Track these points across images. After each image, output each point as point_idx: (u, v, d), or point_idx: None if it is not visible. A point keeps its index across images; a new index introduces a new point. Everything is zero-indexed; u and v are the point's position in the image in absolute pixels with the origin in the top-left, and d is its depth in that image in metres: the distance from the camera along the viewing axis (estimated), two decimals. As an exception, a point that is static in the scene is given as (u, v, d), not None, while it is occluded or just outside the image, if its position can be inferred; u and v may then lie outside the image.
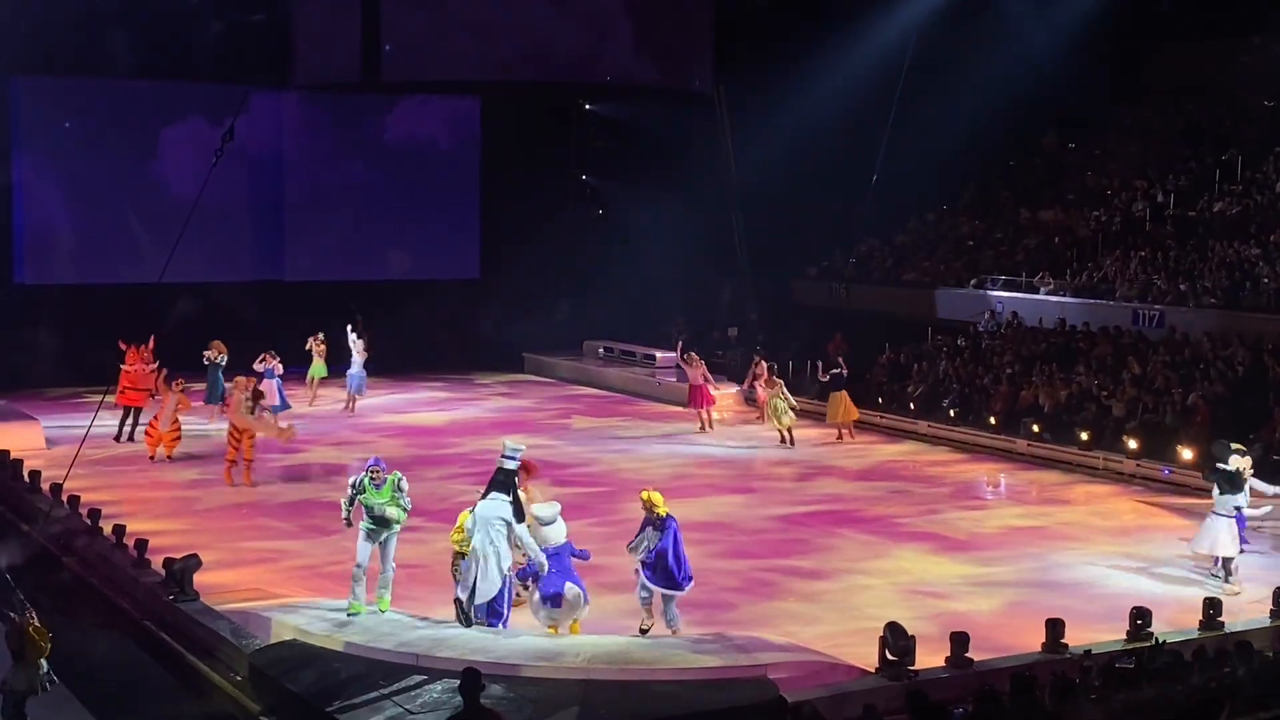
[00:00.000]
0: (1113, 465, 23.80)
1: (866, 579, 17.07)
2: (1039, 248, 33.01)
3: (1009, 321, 30.75)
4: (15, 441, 23.30)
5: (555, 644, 13.55)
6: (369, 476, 13.92)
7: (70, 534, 18.44)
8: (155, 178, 32.89)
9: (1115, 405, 25.37)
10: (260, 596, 15.34)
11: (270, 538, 18.71)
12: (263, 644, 13.81)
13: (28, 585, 16.59)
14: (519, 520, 13.66)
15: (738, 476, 23.53)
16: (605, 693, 12.42)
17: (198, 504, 20.66)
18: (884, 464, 24.72)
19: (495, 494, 13.71)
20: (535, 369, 36.29)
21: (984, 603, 16.11)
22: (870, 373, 30.83)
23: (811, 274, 37.06)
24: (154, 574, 15.99)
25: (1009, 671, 11.85)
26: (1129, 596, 15.64)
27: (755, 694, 12.47)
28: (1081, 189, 35.28)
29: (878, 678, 12.84)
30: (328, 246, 35.25)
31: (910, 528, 19.72)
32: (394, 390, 32.35)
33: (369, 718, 11.88)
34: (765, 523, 19.97)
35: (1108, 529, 20.06)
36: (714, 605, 15.64)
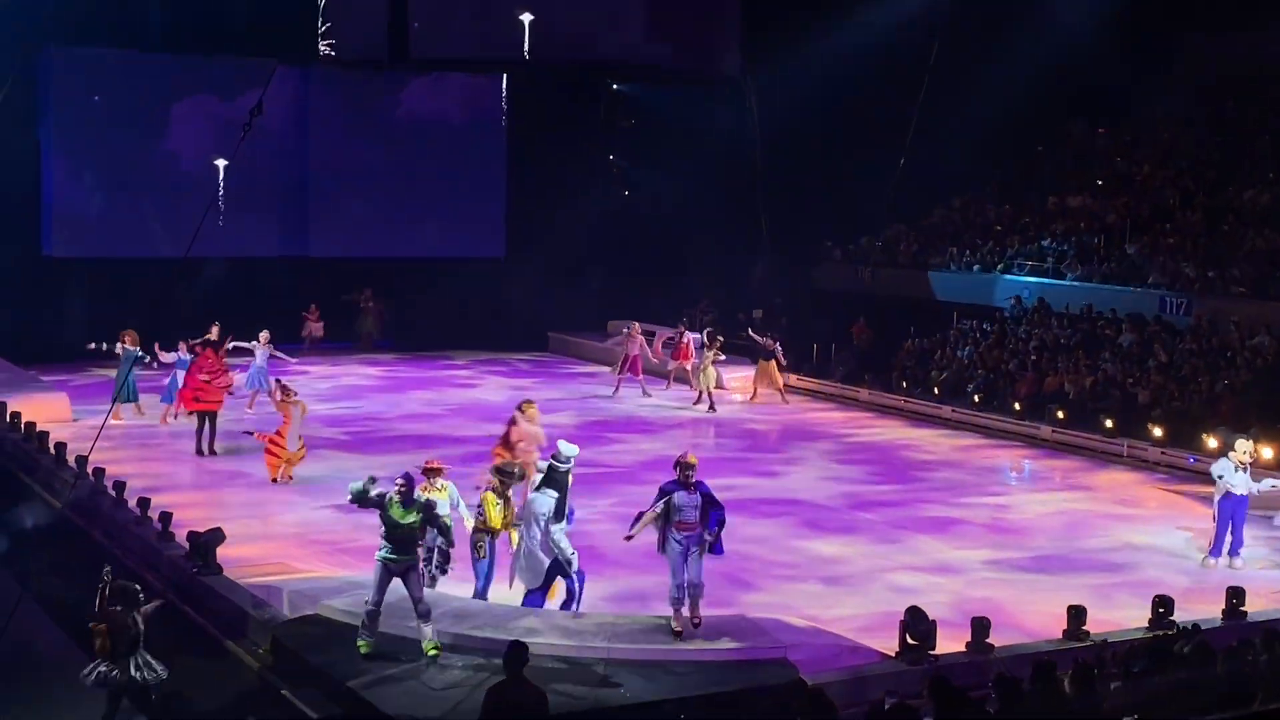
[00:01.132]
0: (1137, 453, 23.71)
1: (888, 563, 17.06)
2: (1066, 234, 32.86)
3: (1035, 307, 30.63)
4: (42, 413, 23.44)
5: (577, 623, 13.59)
6: (397, 491, 12.81)
7: (95, 506, 18.56)
8: (183, 151, 33.04)
9: (1141, 392, 25.27)
10: (284, 571, 15.42)
11: (294, 513, 18.78)
12: (286, 618, 13.89)
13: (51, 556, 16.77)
14: (558, 520, 13.80)
15: (753, 454, 23.50)
16: (626, 672, 12.46)
17: (222, 478, 20.75)
18: (906, 447, 24.68)
19: (546, 489, 13.93)
20: (560, 348, 36.34)
21: (1005, 588, 16.08)
22: (894, 358, 30.79)
23: (837, 257, 36.97)
24: (178, 547, 16.08)
25: (1030, 658, 11.85)
26: (1151, 584, 15.61)
27: (775, 676, 12.50)
28: (1110, 175, 35.08)
29: (898, 662, 12.85)
30: (353, 223, 35.34)
31: (932, 513, 19.69)
32: (411, 368, 32.53)
33: (391, 693, 11.95)
34: (787, 504, 19.97)
35: (1131, 516, 20.01)
36: (734, 586, 15.65)
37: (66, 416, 24.34)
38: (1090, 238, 32.20)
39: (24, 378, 27.07)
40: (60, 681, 13.44)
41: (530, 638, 12.73)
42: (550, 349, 36.45)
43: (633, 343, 29.43)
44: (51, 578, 16.23)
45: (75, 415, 24.50)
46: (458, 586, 14.36)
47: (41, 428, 22.18)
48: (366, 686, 12.09)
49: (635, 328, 29.71)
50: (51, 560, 17.11)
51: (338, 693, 12.24)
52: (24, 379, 26.95)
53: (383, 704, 11.74)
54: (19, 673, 12.25)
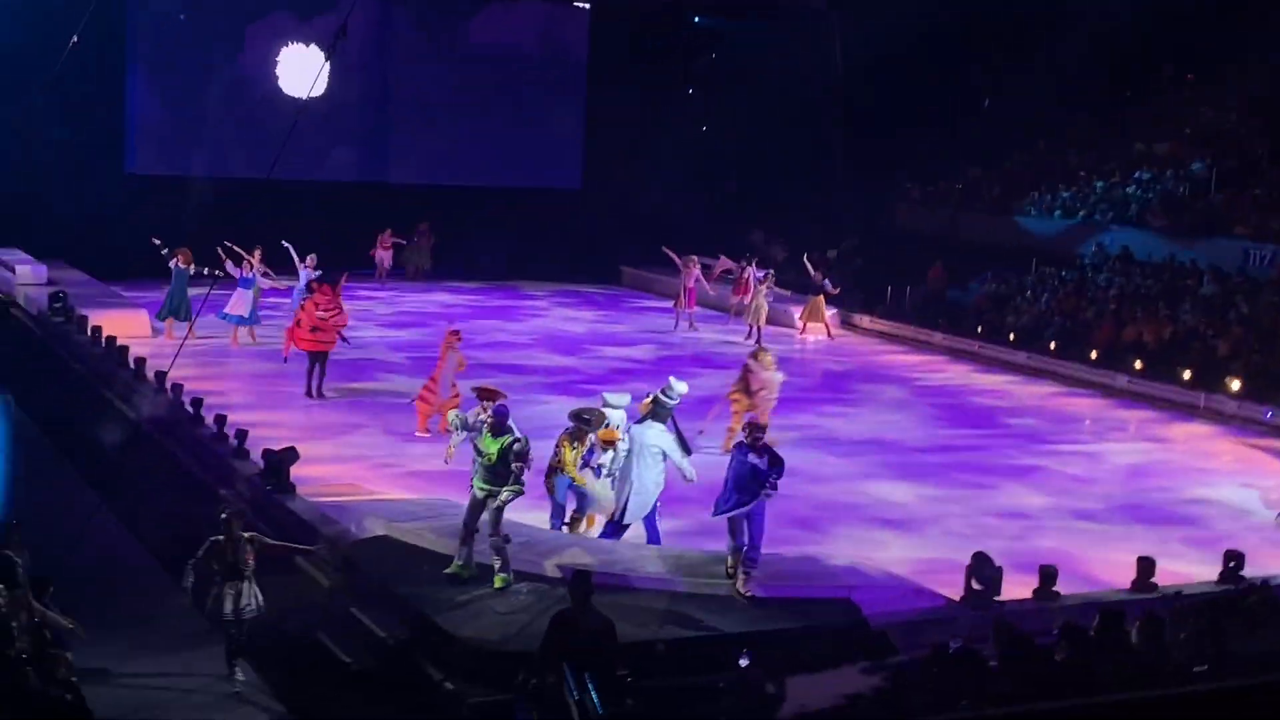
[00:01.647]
0: (1214, 405, 23.40)
1: (955, 507, 16.98)
2: (1151, 182, 32.30)
3: (1116, 256, 30.19)
4: (122, 328, 23.78)
5: (645, 556, 13.66)
6: (488, 421, 12.94)
7: (172, 421, 18.85)
8: (264, 73, 33.16)
9: (1220, 345, 24.90)
10: (355, 492, 15.61)
11: (367, 435, 18.96)
12: (357, 538, 14.07)
13: (129, 469, 17.07)
14: (686, 453, 14.22)
15: (823, 394, 23.42)
16: (689, 606, 12.53)
17: (298, 399, 20.97)
18: (979, 393, 24.49)
19: (653, 423, 14.14)
20: (632, 282, 36.31)
21: (1074, 537, 15.96)
22: (971, 302, 30.51)
23: (915, 198, 36.57)
24: (252, 465, 16.30)
25: (1096, 607, 11.78)
26: (1223, 538, 15.43)
27: (838, 616, 12.51)
28: (1199, 124, 34.39)
29: (962, 606, 12.82)
30: (432, 150, 35.42)
31: (1002, 459, 19.56)
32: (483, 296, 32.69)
33: (458, 616, 12.08)
34: (854, 446, 19.91)
35: (1205, 470, 19.78)
36: (801, 525, 15.66)
37: (146, 332, 24.69)
38: (1175, 187, 31.64)
39: (105, 293, 27.47)
40: (132, 589, 13.78)
41: (598, 568, 12.86)
42: (623, 283, 36.43)
43: (688, 275, 29.36)
44: (129, 490, 16.57)
45: (154, 331, 24.84)
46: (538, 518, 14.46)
47: (121, 343, 22.51)
48: (434, 608, 12.23)
49: (692, 260, 29.56)
50: (129, 473, 17.46)
51: (406, 614, 12.40)
52: (105, 294, 27.35)
53: (449, 626, 11.89)
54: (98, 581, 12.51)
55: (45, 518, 14.59)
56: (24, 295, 27.41)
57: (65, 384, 22.46)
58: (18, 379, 23.15)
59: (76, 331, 24.29)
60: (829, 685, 7.01)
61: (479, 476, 12.84)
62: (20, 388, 22.63)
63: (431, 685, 11.45)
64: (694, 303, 29.52)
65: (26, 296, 27.28)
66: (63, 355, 23.82)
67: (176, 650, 12.34)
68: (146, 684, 11.58)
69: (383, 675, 11.89)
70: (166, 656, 12.19)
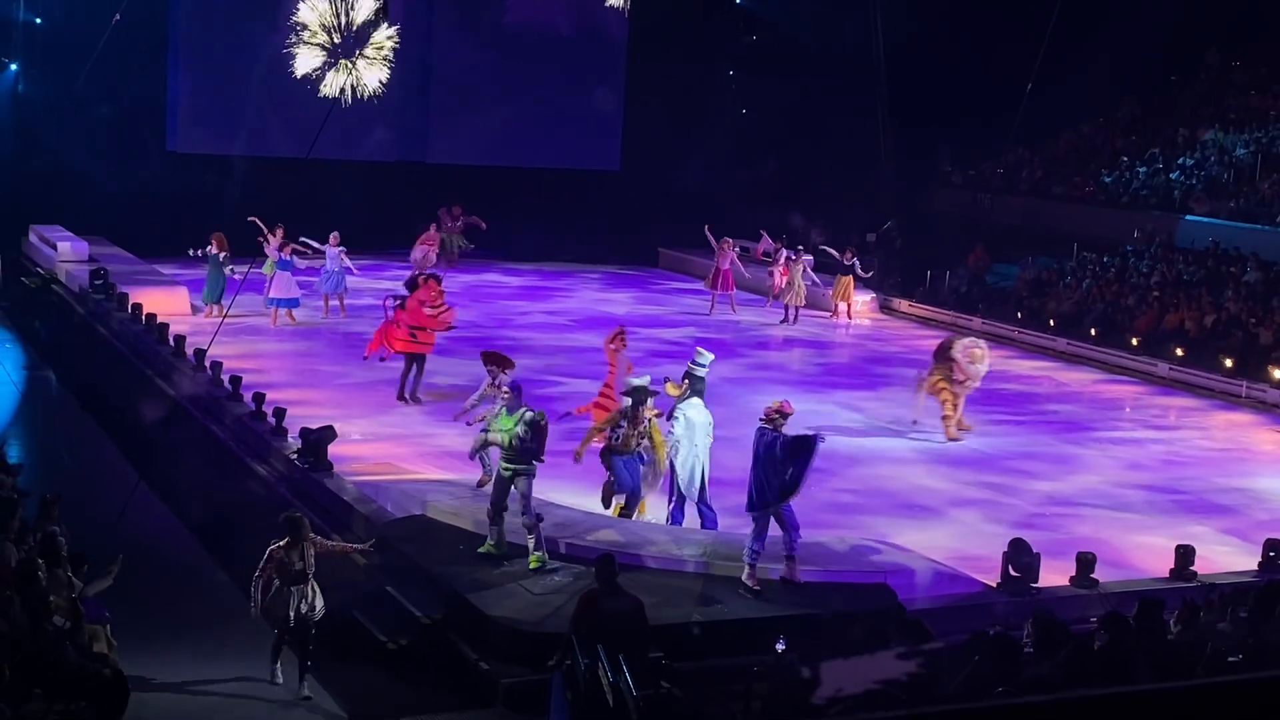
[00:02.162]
0: (1256, 394, 23.18)
1: (992, 493, 16.90)
2: (1195, 167, 32.01)
3: (1159, 242, 29.94)
4: (162, 306, 23.93)
5: (679, 538, 13.65)
6: (506, 398, 13.13)
7: (211, 399, 18.95)
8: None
9: (1263, 333, 24.66)
10: (391, 471, 15.66)
11: (403, 415, 19.00)
12: (392, 517, 14.12)
13: (168, 445, 17.17)
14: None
15: (861, 377, 23.32)
16: (724, 588, 12.51)
17: (337, 378, 21.04)
18: (1018, 378, 24.32)
19: (695, 399, 14.22)
20: (669, 264, 36.23)
21: (1113, 525, 15.86)
22: (1011, 288, 30.32)
23: (956, 182, 36.35)
24: (290, 443, 16.37)
25: (1135, 595, 11.71)
26: (1263, 528, 15.30)
27: (874, 601, 12.48)
28: (1244, 109, 34.04)
29: (999, 593, 12.77)
30: (472, 131, 35.40)
31: (1042, 446, 19.43)
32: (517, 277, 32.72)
33: (490, 596, 12.11)
34: (891, 430, 19.80)
35: (1245, 459, 19.61)
36: (837, 510, 15.62)
37: (186, 310, 24.83)
38: (1220, 172, 31.34)
39: (146, 270, 27.62)
40: (172, 565, 13.86)
41: (631, 550, 12.87)
42: (661, 265, 36.36)
43: (724, 257, 29.16)
44: (167, 467, 16.67)
45: (194, 309, 24.98)
46: (569, 497, 14.48)
47: (161, 320, 22.64)
48: (468, 588, 12.28)
49: (727, 243, 29.36)
50: (168, 450, 17.57)
51: (441, 593, 12.44)
52: (146, 271, 27.50)
53: (483, 605, 11.92)
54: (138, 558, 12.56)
55: (85, 494, 14.72)
56: (65, 272, 27.60)
57: (105, 361, 22.62)
58: (59, 355, 23.36)
59: (117, 309, 24.44)
60: (864, 670, 6.98)
61: (502, 456, 12.91)
62: (61, 364, 22.83)
63: (467, 665, 11.49)
64: (732, 285, 29.35)
65: (68, 273, 27.47)
66: (103, 332, 23.99)
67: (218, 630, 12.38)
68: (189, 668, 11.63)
69: (418, 654, 11.93)
70: (206, 636, 12.24)
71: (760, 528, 12.56)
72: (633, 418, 13.89)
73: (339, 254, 25.02)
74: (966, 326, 28.90)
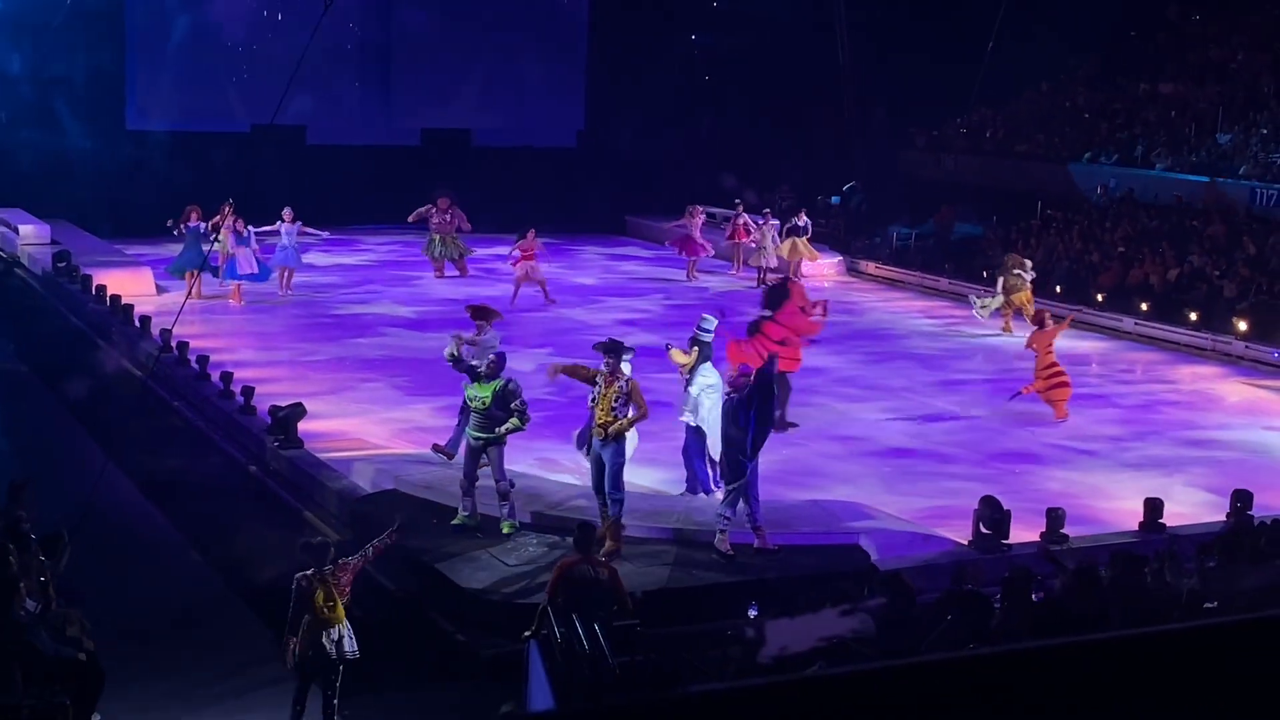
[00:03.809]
0: (1221, 347, 23.33)
1: (962, 452, 16.97)
2: (1157, 122, 32.12)
3: (1122, 197, 30.06)
4: (126, 287, 23.75)
5: (652, 504, 13.68)
6: (491, 363, 13.03)
7: (177, 379, 18.86)
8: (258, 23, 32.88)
9: (1227, 286, 24.81)
10: (362, 447, 15.63)
11: (373, 390, 18.96)
12: (364, 492, 14.09)
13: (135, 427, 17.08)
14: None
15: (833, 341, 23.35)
16: (699, 554, 12.55)
17: (305, 354, 20.97)
18: (986, 336, 24.41)
19: (707, 364, 14.31)
20: (637, 232, 36.15)
21: (1082, 480, 15.96)
22: (975, 247, 30.40)
23: (920, 144, 36.40)
24: (259, 420, 16.31)
25: (1105, 549, 11.80)
26: (1231, 479, 15.40)
27: (847, 562, 12.53)
28: (1204, 62, 34.16)
29: (970, 550, 12.83)
30: (430, 103, 35.21)
31: (1010, 404, 19.50)
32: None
33: (465, 568, 12.12)
34: (860, 391, 19.87)
35: (1213, 411, 19.75)
36: (807, 474, 15.66)
37: (150, 290, 24.65)
38: (1181, 127, 31.45)
39: (109, 251, 27.41)
40: (143, 546, 13.82)
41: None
42: (629, 233, 36.27)
43: (692, 224, 29.06)
44: (134, 448, 16.57)
45: (159, 289, 24.81)
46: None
47: (126, 301, 22.50)
48: (442, 560, 12.28)
49: (695, 210, 29.24)
50: (136, 431, 17.46)
51: (414, 566, 12.44)
52: (109, 252, 27.29)
53: (458, 578, 11.93)
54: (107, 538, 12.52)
55: (56, 477, 14.64)
56: (27, 255, 27.38)
57: (71, 343, 22.47)
58: (24, 339, 23.19)
59: (81, 290, 24.27)
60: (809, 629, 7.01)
61: (472, 424, 12.92)
62: (26, 347, 22.67)
63: (444, 637, 11.50)
64: (698, 251, 29.14)
65: (30, 256, 27.25)
66: (67, 314, 23.83)
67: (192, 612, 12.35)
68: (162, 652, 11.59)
69: (394, 628, 11.92)
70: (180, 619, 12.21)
71: (733, 496, 12.59)
72: (608, 376, 12.84)
73: (294, 229, 24.82)
74: (934, 287, 29.07)
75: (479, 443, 12.86)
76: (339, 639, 9.89)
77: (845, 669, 2.60)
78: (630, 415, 12.53)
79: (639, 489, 14.15)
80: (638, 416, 12.62)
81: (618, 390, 12.54)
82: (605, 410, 12.50)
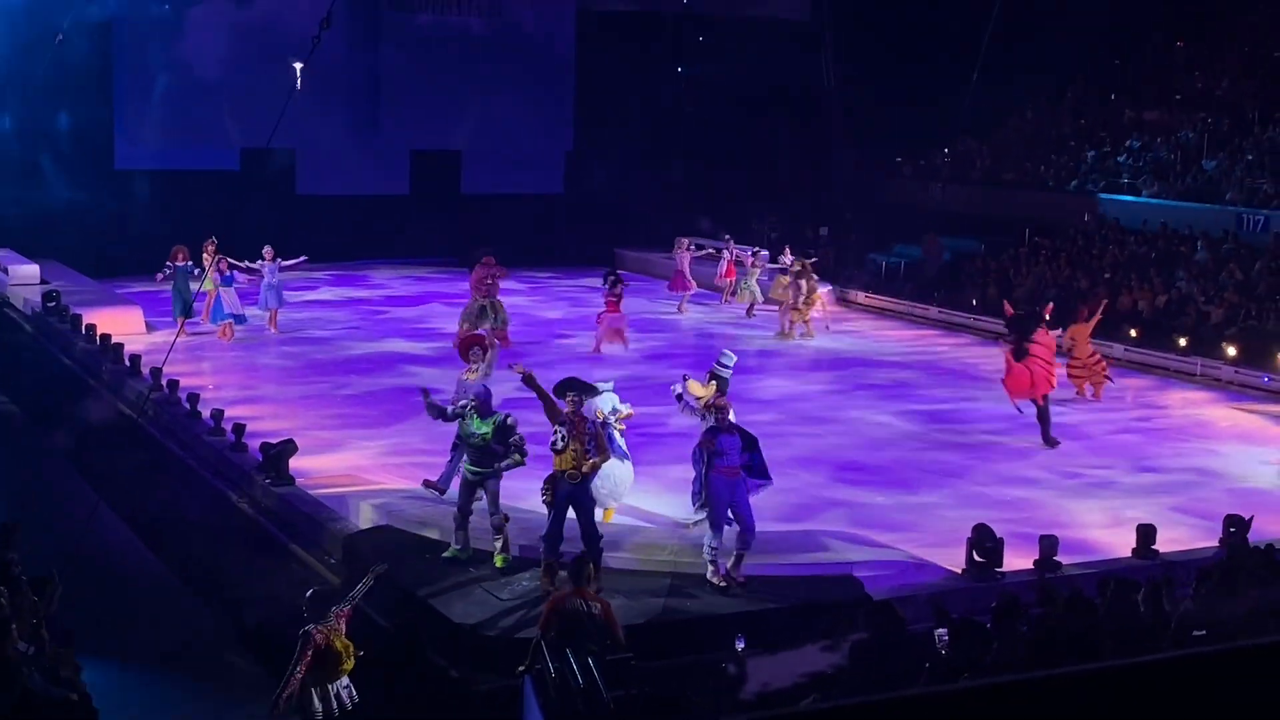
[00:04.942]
0: (1210, 372, 23.40)
1: (955, 480, 16.97)
2: (1143, 149, 32.28)
3: (1109, 224, 30.16)
4: (116, 326, 23.72)
5: (645, 538, 13.66)
6: (474, 404, 12.96)
7: (169, 417, 18.82)
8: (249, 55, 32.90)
9: (1214, 311, 24.90)
10: (354, 482, 15.59)
11: (365, 425, 18.93)
12: (356, 529, 14.06)
13: (126, 465, 17.06)
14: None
15: (816, 372, 23.40)
16: (692, 586, 12.53)
17: (296, 391, 20.94)
18: (977, 364, 24.44)
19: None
20: (624, 264, 36.15)
21: (1074, 507, 15.96)
22: (963, 275, 30.49)
23: (907, 173, 36.54)
24: (251, 458, 16.28)
25: (1098, 576, 11.80)
26: (1222, 504, 15.43)
27: (840, 592, 12.52)
28: (1189, 89, 34.37)
29: (964, 579, 12.83)
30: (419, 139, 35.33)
31: (1000, 430, 19.53)
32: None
33: (459, 603, 12.09)
34: (854, 423, 19.89)
35: (1202, 436, 19.78)
36: (800, 504, 15.65)
37: (140, 329, 24.63)
38: (1167, 153, 31.61)
39: (99, 290, 27.40)
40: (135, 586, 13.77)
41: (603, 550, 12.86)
42: (618, 265, 36.26)
43: (681, 257, 29.03)
44: (125, 487, 16.57)
45: (149, 327, 24.80)
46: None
47: (116, 339, 22.48)
48: (436, 596, 12.25)
49: (683, 243, 29.25)
50: (127, 470, 17.45)
51: (408, 601, 12.41)
52: (99, 292, 27.28)
53: (451, 613, 11.90)
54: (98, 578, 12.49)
55: (47, 517, 14.60)
56: (17, 295, 27.36)
57: (61, 383, 22.44)
58: (13, 378, 23.15)
59: (71, 330, 24.24)
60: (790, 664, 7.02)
61: (470, 459, 12.92)
62: (16, 388, 22.63)
63: (437, 672, 11.46)
64: (680, 286, 29.00)
65: (20, 297, 27.23)
66: (57, 353, 23.79)
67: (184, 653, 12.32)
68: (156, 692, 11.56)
69: (388, 663, 11.88)
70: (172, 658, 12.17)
71: (716, 523, 12.52)
72: (573, 420, 12.42)
73: (274, 268, 24.88)
74: (924, 316, 29.11)
75: (476, 477, 12.88)
76: (345, 688, 9.92)
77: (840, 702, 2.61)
78: (596, 459, 12.43)
79: (623, 523, 14.16)
80: (603, 459, 12.61)
81: (591, 433, 12.44)
82: (580, 455, 12.29)
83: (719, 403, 12.98)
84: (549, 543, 12.31)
